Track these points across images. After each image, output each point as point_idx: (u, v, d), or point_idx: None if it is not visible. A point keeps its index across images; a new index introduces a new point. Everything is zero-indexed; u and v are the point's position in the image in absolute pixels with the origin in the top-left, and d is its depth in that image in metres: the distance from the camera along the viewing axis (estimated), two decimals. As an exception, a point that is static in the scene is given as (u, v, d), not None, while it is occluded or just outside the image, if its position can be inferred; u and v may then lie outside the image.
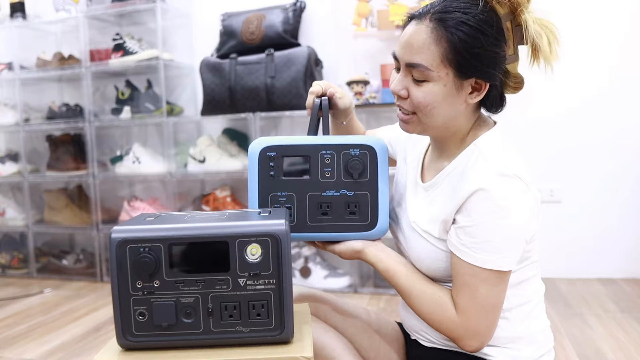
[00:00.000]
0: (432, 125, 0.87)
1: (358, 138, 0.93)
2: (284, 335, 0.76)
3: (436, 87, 0.83)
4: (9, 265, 2.86)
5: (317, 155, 0.92)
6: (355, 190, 0.92)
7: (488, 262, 0.80)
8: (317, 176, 0.92)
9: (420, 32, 0.83)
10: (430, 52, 0.82)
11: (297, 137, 0.94)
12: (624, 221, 2.33)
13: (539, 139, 2.37)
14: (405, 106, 0.87)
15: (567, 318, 1.89)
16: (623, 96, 2.29)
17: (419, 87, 0.84)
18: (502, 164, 0.82)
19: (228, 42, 2.46)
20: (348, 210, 0.92)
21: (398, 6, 2.26)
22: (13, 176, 2.85)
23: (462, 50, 0.81)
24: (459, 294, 0.83)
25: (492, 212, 0.79)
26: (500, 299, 0.82)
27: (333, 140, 0.92)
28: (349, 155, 0.91)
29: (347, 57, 2.47)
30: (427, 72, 0.82)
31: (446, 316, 0.84)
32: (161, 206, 2.67)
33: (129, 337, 0.75)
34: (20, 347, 1.80)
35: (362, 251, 0.91)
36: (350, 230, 0.92)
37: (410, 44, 0.84)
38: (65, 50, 2.83)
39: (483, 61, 0.82)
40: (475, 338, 0.83)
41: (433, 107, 0.84)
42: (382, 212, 0.92)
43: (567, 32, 2.43)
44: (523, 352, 0.89)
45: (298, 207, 0.93)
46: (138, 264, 0.73)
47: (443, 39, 0.81)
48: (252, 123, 2.40)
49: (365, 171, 0.91)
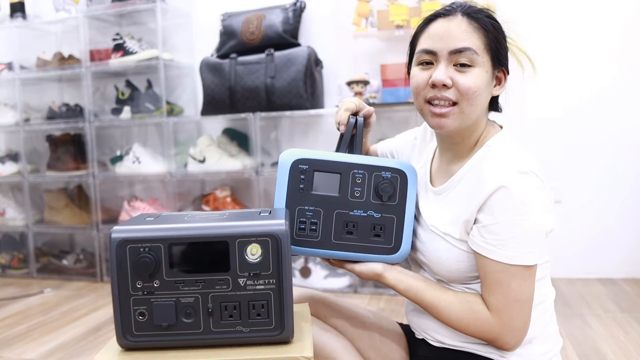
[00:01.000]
0: (471, 116, 0.89)
1: (391, 161, 0.93)
2: (284, 335, 0.76)
3: (482, 72, 0.87)
4: (9, 265, 2.86)
5: (349, 173, 0.92)
6: (383, 213, 0.92)
7: (514, 258, 0.81)
8: (346, 194, 0.92)
9: (460, 23, 0.87)
10: (474, 38, 0.86)
11: (330, 153, 0.94)
12: (624, 221, 2.33)
13: (538, 139, 2.37)
14: (450, 95, 0.87)
15: (567, 318, 1.89)
16: (623, 96, 2.29)
17: (464, 73, 0.87)
18: (519, 162, 0.84)
19: (228, 42, 2.46)
20: (373, 232, 0.92)
21: (398, 6, 2.26)
22: (13, 176, 2.85)
23: (496, 40, 0.88)
24: (491, 293, 0.84)
25: (513, 208, 0.81)
26: (531, 293, 0.84)
27: (366, 160, 0.93)
28: (381, 177, 0.92)
29: (347, 57, 2.47)
30: (474, 56, 0.86)
31: (480, 319, 0.85)
32: (161, 206, 2.67)
33: (129, 337, 0.75)
34: (20, 347, 1.80)
35: (382, 274, 0.92)
36: (372, 252, 0.93)
37: (452, 33, 0.87)
38: (65, 50, 2.83)
39: (506, 51, 0.91)
40: (512, 334, 0.84)
41: (479, 93, 0.87)
42: (406, 237, 0.93)
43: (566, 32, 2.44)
44: (534, 352, 0.89)
45: (324, 223, 0.93)
46: (138, 264, 0.73)
47: (481, 30, 0.87)
48: (252, 123, 2.40)
49: (395, 195, 0.92)
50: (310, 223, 0.92)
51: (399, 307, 2.08)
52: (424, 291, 0.89)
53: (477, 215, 0.85)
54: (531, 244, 0.82)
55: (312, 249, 0.93)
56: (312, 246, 0.93)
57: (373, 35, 2.41)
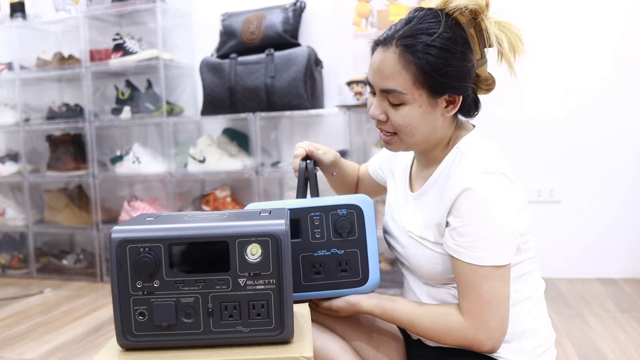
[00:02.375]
0: (414, 142, 0.90)
1: (344, 198, 0.96)
2: (284, 335, 0.76)
3: (413, 109, 0.86)
4: (9, 265, 2.86)
5: (306, 217, 0.95)
6: (345, 249, 0.95)
7: (484, 259, 0.82)
8: (307, 237, 0.95)
9: (389, 58, 0.85)
10: (401, 77, 0.84)
11: (286, 201, 0.96)
12: (624, 221, 2.33)
13: (538, 139, 2.37)
14: (387, 128, 0.90)
15: (567, 318, 1.89)
16: (622, 96, 2.29)
17: (396, 110, 0.87)
18: (485, 162, 0.84)
19: (228, 42, 2.46)
20: (340, 268, 0.94)
21: (398, 6, 2.26)
22: (13, 176, 2.85)
23: (432, 72, 0.83)
24: (463, 296, 0.84)
25: (479, 209, 0.81)
26: (504, 293, 0.83)
27: (320, 202, 0.95)
28: (337, 215, 0.94)
29: (347, 57, 2.47)
30: (401, 96, 0.85)
31: (453, 327, 0.85)
32: (161, 206, 2.67)
33: (129, 337, 0.75)
34: (20, 347, 1.80)
35: (357, 304, 0.93)
36: (343, 287, 0.95)
37: (381, 71, 0.86)
38: (65, 50, 2.83)
39: (453, 78, 0.84)
40: (488, 336, 0.83)
41: (412, 127, 0.87)
42: (373, 267, 0.95)
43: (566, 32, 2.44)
44: (526, 347, 0.89)
45: (292, 268, 0.95)
46: (138, 264, 0.73)
47: (412, 64, 0.83)
48: (252, 123, 2.40)
49: (354, 229, 0.94)
50: None
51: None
52: (398, 312, 0.90)
53: (447, 219, 0.86)
54: (500, 244, 0.82)
55: None
56: None
57: (373, 35, 2.40)
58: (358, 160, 2.41)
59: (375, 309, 0.92)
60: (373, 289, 0.96)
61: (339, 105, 2.32)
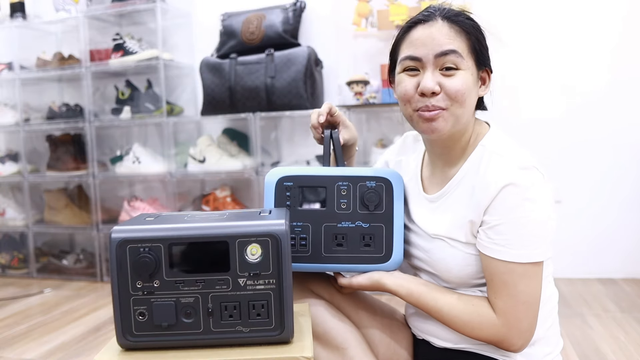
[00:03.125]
0: (463, 118, 0.88)
1: (374, 170, 0.94)
2: (284, 335, 0.76)
3: (467, 74, 0.87)
4: (9, 265, 2.86)
5: (333, 186, 0.92)
6: (371, 222, 0.92)
7: (523, 256, 0.81)
8: (332, 207, 0.93)
9: (441, 27, 0.87)
10: (457, 41, 0.86)
11: (313, 168, 0.95)
12: (624, 221, 2.33)
13: (538, 139, 2.37)
14: (438, 102, 0.86)
15: (567, 318, 1.89)
16: (623, 96, 2.29)
17: (451, 77, 0.86)
18: (520, 158, 0.83)
19: (228, 42, 2.46)
20: (363, 242, 0.93)
21: (398, 6, 2.26)
22: (13, 176, 2.85)
23: (478, 41, 0.88)
24: (497, 295, 0.83)
25: (519, 205, 0.81)
26: (538, 293, 0.83)
27: (349, 171, 0.93)
28: (365, 187, 0.92)
29: (347, 57, 2.47)
30: (459, 59, 0.86)
31: (485, 322, 0.84)
32: (161, 206, 2.67)
33: (129, 337, 0.75)
34: (20, 347, 1.80)
35: (381, 281, 0.91)
36: (365, 262, 0.93)
37: (435, 38, 0.86)
38: (65, 50, 2.82)
39: (487, 51, 0.91)
40: (519, 336, 0.83)
41: (468, 95, 0.87)
42: (397, 244, 0.93)
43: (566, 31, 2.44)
44: (537, 353, 0.89)
45: (313, 237, 0.93)
46: (138, 264, 0.73)
47: (462, 33, 0.87)
48: (252, 123, 2.40)
49: (381, 203, 0.92)
50: (299, 238, 0.93)
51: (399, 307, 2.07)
52: (425, 295, 0.89)
53: (483, 218, 0.84)
54: (538, 239, 0.82)
55: (304, 263, 0.94)
56: (304, 261, 0.93)
57: (373, 35, 2.41)
58: (358, 160, 2.41)
59: (400, 289, 0.90)
60: (395, 267, 0.94)
61: (339, 105, 2.32)
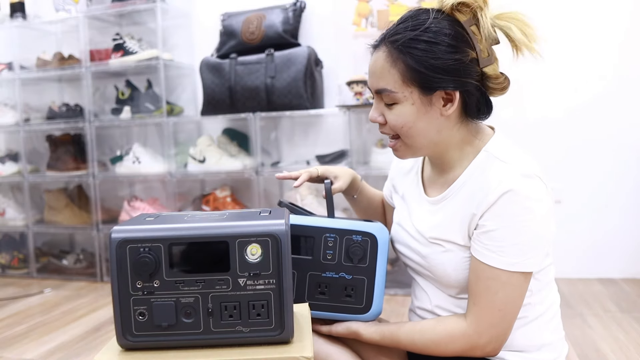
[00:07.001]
0: (418, 145, 0.89)
1: (362, 225, 0.95)
2: (284, 335, 0.76)
3: (405, 107, 0.85)
4: (9, 265, 2.86)
5: (321, 237, 0.95)
6: (354, 275, 0.94)
7: (515, 265, 0.80)
8: (319, 257, 0.95)
9: (379, 58, 0.86)
10: (390, 75, 0.85)
11: (306, 218, 0.97)
12: (624, 221, 2.33)
13: (538, 139, 2.37)
14: (387, 131, 0.90)
15: (567, 318, 1.89)
16: (623, 96, 2.29)
17: (391, 110, 0.87)
18: (523, 166, 0.82)
19: (228, 42, 2.46)
20: (345, 293, 0.95)
21: (398, 6, 2.26)
22: (13, 176, 2.85)
23: (419, 67, 0.82)
24: (476, 299, 0.83)
25: (518, 214, 0.80)
26: (517, 303, 0.82)
27: (338, 224, 0.95)
28: (351, 240, 0.94)
29: (347, 57, 2.46)
30: (392, 94, 0.85)
31: (455, 333, 0.84)
32: (161, 206, 2.67)
33: (129, 337, 0.75)
34: (20, 347, 1.80)
35: (357, 331, 0.94)
36: (344, 311, 0.95)
37: (374, 72, 0.87)
38: (65, 50, 2.82)
39: (444, 72, 0.82)
40: (489, 341, 0.83)
41: (409, 127, 0.86)
42: (377, 297, 0.95)
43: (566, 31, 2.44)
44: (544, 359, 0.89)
45: (298, 283, 0.96)
46: (138, 264, 0.73)
47: (398, 60, 0.84)
48: (252, 123, 2.40)
49: (365, 257, 0.94)
50: None
51: (398, 307, 2.08)
52: (397, 332, 0.90)
53: (479, 221, 0.83)
54: (531, 250, 0.80)
55: None
56: None
57: (373, 35, 2.40)
58: (358, 160, 2.41)
59: (374, 336, 0.92)
60: (373, 318, 0.96)
61: (339, 105, 2.32)
